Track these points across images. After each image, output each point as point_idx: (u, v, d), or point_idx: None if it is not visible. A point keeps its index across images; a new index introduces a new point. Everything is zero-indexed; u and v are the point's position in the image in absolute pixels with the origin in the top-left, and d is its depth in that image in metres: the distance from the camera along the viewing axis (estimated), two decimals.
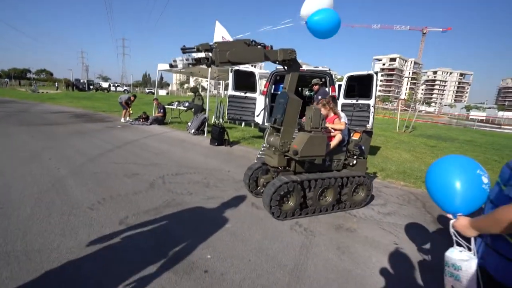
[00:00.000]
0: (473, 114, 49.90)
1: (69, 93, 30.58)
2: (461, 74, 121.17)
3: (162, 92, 58.66)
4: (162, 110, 10.71)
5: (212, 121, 10.88)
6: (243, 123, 11.39)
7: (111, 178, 4.23)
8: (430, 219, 3.62)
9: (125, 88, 50.68)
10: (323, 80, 7.03)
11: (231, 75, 7.78)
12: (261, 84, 7.95)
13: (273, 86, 7.72)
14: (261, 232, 2.92)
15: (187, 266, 2.27)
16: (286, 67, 3.42)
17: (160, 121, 10.57)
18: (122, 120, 10.69)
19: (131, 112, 11.01)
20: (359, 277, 2.32)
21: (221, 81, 18.75)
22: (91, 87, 41.98)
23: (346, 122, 4.08)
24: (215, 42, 2.93)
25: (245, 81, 7.75)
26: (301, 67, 7.40)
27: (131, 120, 10.72)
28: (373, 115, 6.67)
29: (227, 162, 5.72)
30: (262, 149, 6.07)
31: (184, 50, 3.17)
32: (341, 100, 6.80)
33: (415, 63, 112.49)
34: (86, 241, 2.48)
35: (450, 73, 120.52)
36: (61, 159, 5.01)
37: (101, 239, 2.54)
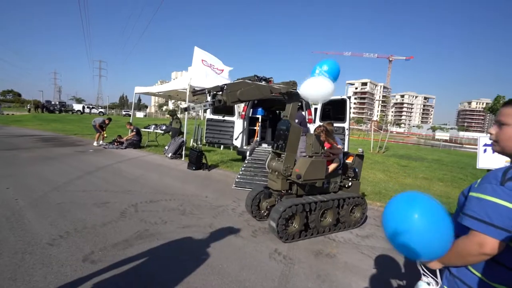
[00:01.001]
0: (438, 134, 53.54)
1: (38, 115, 29.00)
2: (425, 98, 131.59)
3: (140, 114, 57.47)
4: (135, 130, 10.34)
5: (191, 145, 10.71)
6: (222, 146, 11.32)
7: (77, 208, 3.92)
8: None
9: (100, 110, 49.10)
10: (299, 104, 7.26)
11: (209, 98, 7.81)
12: (239, 108, 8.05)
13: (251, 109, 7.84)
14: (239, 262, 2.78)
15: None
16: (287, 97, 3.65)
17: (136, 144, 10.22)
18: (95, 143, 10.21)
19: (105, 135, 10.57)
20: None
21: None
22: (63, 109, 40.16)
23: (341, 146, 4.29)
24: (225, 84, 3.19)
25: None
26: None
27: (104, 143, 10.26)
28: (348, 138, 6.92)
29: (205, 187, 5.56)
30: (241, 173, 6.01)
31: (195, 93, 3.78)
32: (317, 123, 7.01)
33: (384, 87, 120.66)
34: (41, 284, 2.21)
35: (416, 96, 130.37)
36: (21, 189, 4.60)
37: (60, 280, 2.28)
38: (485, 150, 2.87)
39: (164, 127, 10.69)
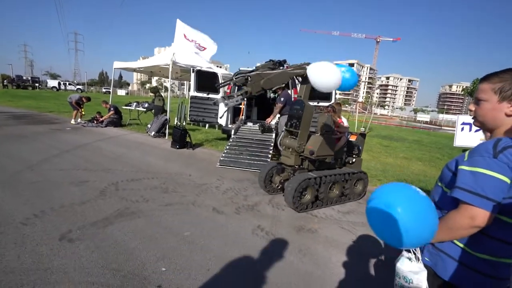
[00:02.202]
0: (420, 116, 55.23)
1: (9, 91, 27.16)
2: (410, 80, 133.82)
3: (122, 92, 55.12)
4: (112, 108, 9.87)
5: (175, 123, 10.45)
6: (207, 125, 11.12)
7: (54, 187, 3.76)
8: None
9: (78, 87, 46.60)
10: (285, 82, 7.14)
11: (192, 75, 7.53)
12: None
13: (236, 87, 7.64)
14: (221, 239, 2.80)
15: (138, 282, 2.06)
16: (301, 79, 3.92)
17: (116, 123, 9.83)
18: (73, 121, 9.72)
19: (83, 113, 10.06)
20: (319, 279, 2.33)
21: (185, 82, 18.13)
22: (37, 84, 37.74)
23: (347, 125, 4.68)
24: (248, 75, 3.32)
25: (208, 82, 7.55)
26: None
27: (83, 121, 9.80)
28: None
29: (189, 166, 5.48)
30: (225, 151, 5.95)
31: (220, 86, 4.22)
32: None
33: (370, 68, 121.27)
34: (14, 263, 2.13)
35: (401, 79, 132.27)
36: None
37: (35, 260, 2.20)
38: (462, 129, 2.96)
39: (146, 105, 10.29)
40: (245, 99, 3.60)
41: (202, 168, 5.38)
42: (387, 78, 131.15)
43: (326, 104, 6.68)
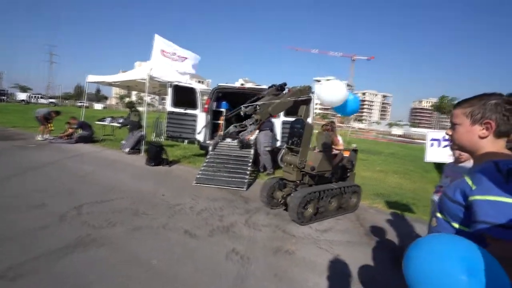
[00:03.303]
0: (394, 130, 57.91)
1: None
2: (384, 96, 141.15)
3: (99, 106, 53.37)
4: (77, 125, 9.34)
5: (153, 139, 10.12)
6: (185, 141, 10.86)
7: (5, 212, 3.38)
8: (363, 232, 3.79)
9: (50, 100, 44.51)
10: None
11: (169, 90, 7.39)
12: (202, 100, 7.73)
13: (215, 103, 7.57)
14: (192, 265, 2.60)
15: None
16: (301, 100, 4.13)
17: (88, 138, 9.33)
18: (39, 137, 9.09)
19: (52, 128, 9.48)
20: None
21: (166, 96, 17.88)
22: (3, 97, 35.60)
23: (342, 143, 5.08)
24: (257, 105, 3.57)
25: (185, 97, 7.44)
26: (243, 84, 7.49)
27: (51, 137, 9.21)
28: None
29: (163, 184, 5.22)
30: (202, 168, 5.77)
31: (229, 116, 4.70)
32: (281, 118, 6.99)
33: (348, 84, 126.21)
34: None
35: (376, 94, 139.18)
36: None
37: None
38: (432, 144, 3.05)
39: (121, 120, 9.91)
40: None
41: (177, 187, 5.15)
42: (363, 93, 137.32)
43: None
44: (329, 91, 3.22)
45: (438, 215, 1.10)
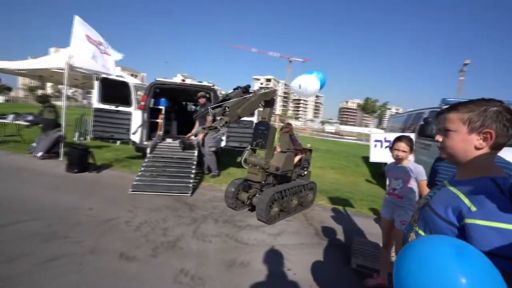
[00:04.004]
0: (327, 127, 63.64)
1: None
2: (317, 96, 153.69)
3: (0, 99, 43.67)
4: None
5: (75, 140, 8.61)
6: (118, 141, 9.60)
7: None
8: (313, 232, 3.83)
9: None
10: (207, 95, 6.79)
11: (96, 84, 6.34)
12: (138, 96, 6.88)
13: (152, 99, 6.82)
14: None
15: None
16: (264, 103, 4.34)
17: None
18: None
19: None
20: None
21: (91, 90, 15.50)
22: None
23: (300, 142, 5.20)
24: (226, 106, 3.57)
25: (117, 93, 6.49)
26: (184, 80, 6.99)
27: None
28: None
29: (90, 196, 4.39)
30: (139, 174, 5.10)
31: (196, 116, 4.59)
32: None
33: (285, 84, 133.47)
34: None
35: None
36: None
37: None
38: (375, 145, 3.24)
39: (30, 117, 8.09)
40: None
41: (108, 198, 4.39)
42: None
43: (250, 119, 6.62)
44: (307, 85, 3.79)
45: (420, 232, 1.01)
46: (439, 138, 1.01)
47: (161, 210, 4.06)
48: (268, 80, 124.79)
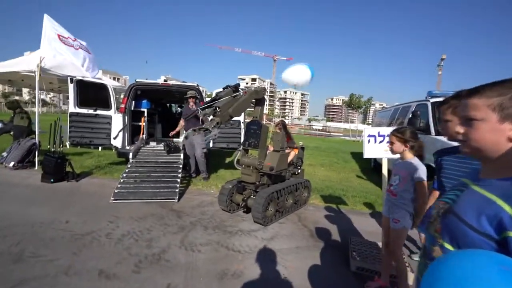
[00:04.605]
0: (314, 125, 64.25)
1: None
2: (302, 94, 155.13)
3: None
4: None
5: (50, 148, 8.09)
6: (100, 147, 9.12)
7: None
8: (308, 234, 3.67)
9: None
10: (198, 96, 6.52)
11: (71, 87, 5.94)
12: (119, 98, 6.52)
13: (133, 102, 6.48)
14: None
15: None
16: (255, 101, 4.26)
17: None
18: None
19: None
20: None
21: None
22: None
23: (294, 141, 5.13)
24: (217, 107, 3.44)
25: (95, 95, 6.12)
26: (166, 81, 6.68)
27: None
28: (244, 131, 6.73)
29: (67, 207, 4.05)
30: (122, 181, 4.79)
31: (187, 118, 5.03)
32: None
33: (271, 83, 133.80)
34: None
35: (296, 93, 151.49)
36: None
37: None
38: (368, 141, 3.12)
39: (0, 125, 7.55)
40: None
41: (87, 208, 4.06)
42: (285, 92, 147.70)
43: (237, 118, 6.41)
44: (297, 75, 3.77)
45: (446, 245, 0.83)
46: (460, 129, 0.83)
47: (145, 219, 3.78)
48: (254, 79, 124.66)
